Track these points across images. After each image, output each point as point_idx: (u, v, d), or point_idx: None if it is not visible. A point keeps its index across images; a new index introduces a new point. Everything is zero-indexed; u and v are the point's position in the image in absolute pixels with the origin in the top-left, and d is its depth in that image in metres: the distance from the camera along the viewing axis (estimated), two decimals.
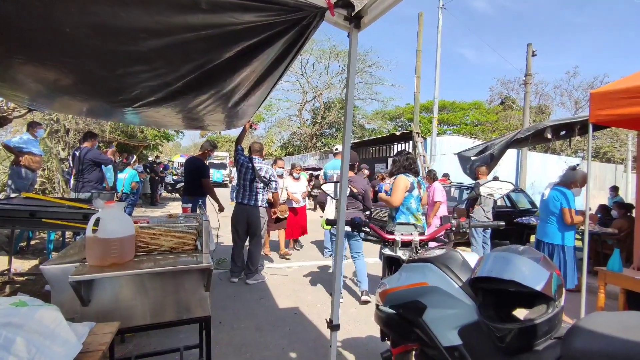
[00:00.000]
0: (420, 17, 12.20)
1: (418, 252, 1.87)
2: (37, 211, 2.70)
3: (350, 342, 3.00)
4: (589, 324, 0.95)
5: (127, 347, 2.67)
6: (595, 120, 3.34)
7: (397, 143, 14.73)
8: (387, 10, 1.52)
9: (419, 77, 12.34)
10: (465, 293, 1.40)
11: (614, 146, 22.65)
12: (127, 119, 3.67)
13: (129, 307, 1.67)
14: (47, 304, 1.24)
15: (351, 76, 1.70)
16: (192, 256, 1.87)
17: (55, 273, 1.61)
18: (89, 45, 1.59)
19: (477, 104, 32.02)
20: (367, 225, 2.06)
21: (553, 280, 1.14)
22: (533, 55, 13.37)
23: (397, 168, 3.36)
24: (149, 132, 14.06)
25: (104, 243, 1.61)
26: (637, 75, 3.24)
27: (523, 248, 1.25)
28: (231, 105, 2.69)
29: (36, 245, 5.61)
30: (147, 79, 2.02)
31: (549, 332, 1.13)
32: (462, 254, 1.57)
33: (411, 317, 1.57)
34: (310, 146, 30.13)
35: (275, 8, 1.40)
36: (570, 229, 3.94)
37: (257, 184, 4.37)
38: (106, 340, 1.35)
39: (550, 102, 27.86)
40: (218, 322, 3.17)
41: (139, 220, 2.39)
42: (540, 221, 4.26)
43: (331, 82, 30.12)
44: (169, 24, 1.44)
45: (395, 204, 3.24)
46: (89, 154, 4.91)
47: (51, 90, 2.36)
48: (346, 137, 1.77)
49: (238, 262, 4.46)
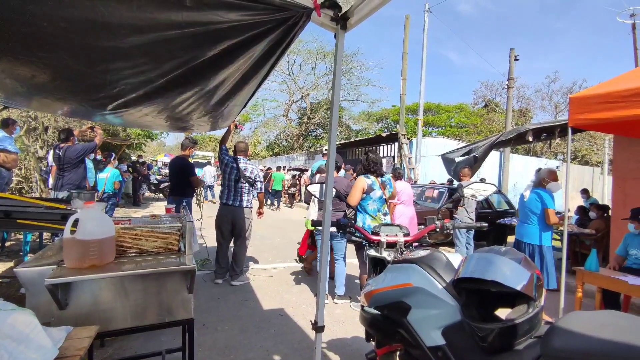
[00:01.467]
0: (407, 20, 12.32)
1: (403, 252, 1.88)
2: (12, 211, 2.61)
3: (336, 342, 3.00)
4: (567, 323, 0.97)
5: (107, 351, 2.60)
6: (574, 124, 3.44)
7: (384, 144, 14.85)
8: (373, 11, 1.53)
9: (405, 80, 12.46)
10: (449, 293, 1.41)
11: (591, 149, 23.41)
12: (109, 119, 3.58)
13: (109, 310, 1.62)
14: (20, 308, 1.20)
15: (337, 77, 1.70)
16: (175, 257, 1.83)
17: (30, 276, 1.55)
18: (67, 39, 1.54)
19: (461, 106, 32.63)
20: (352, 226, 2.06)
21: (534, 281, 1.16)
22: (515, 59, 13.68)
23: (360, 169, 3.49)
24: (132, 131, 13.77)
25: (82, 244, 1.56)
26: (614, 81, 3.35)
27: (505, 249, 1.27)
28: (215, 104, 2.66)
29: (11, 246, 5.42)
30: (128, 76, 1.97)
31: (529, 331, 1.15)
32: (445, 254, 1.58)
33: (396, 318, 1.57)
34: (297, 147, 30.10)
35: (260, 7, 1.38)
36: (549, 229, 4.05)
37: (242, 184, 4.33)
38: (84, 345, 1.31)
39: (532, 105, 28.61)
40: (202, 325, 3.13)
41: (120, 221, 2.33)
42: (519, 222, 4.36)
43: (318, 82, 30.21)
44: (151, 21, 1.41)
45: (350, 204, 3.35)
46: (70, 152, 4.78)
47: (28, 88, 2.28)
48: (332, 138, 1.76)
49: (222, 263, 4.40)
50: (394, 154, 13.74)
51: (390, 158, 13.86)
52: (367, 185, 3.40)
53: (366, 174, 3.52)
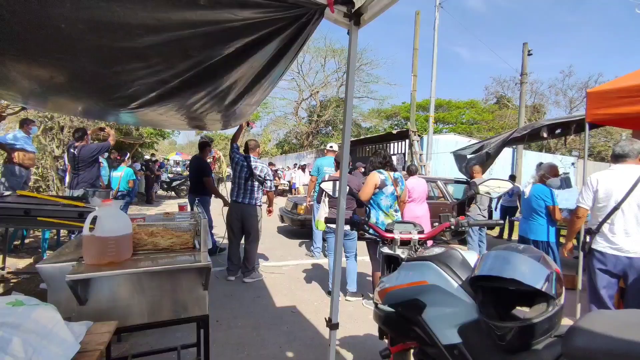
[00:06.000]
0: (417, 16, 12.20)
1: (417, 250, 1.86)
2: (32, 209, 2.67)
3: (348, 340, 3.00)
4: (589, 322, 0.96)
5: (123, 345, 2.65)
6: (591, 119, 3.37)
7: (394, 142, 14.75)
8: (387, 7, 1.51)
9: (416, 76, 12.36)
10: (464, 291, 1.40)
11: (607, 145, 22.85)
12: (123, 118, 3.63)
13: (127, 306, 1.65)
14: (44, 303, 1.22)
15: (351, 74, 1.69)
16: (190, 255, 1.86)
17: (51, 272, 1.60)
18: (85, 41, 1.56)
19: (472, 102, 32.18)
20: (366, 223, 2.05)
21: (553, 279, 1.14)
22: (529, 54, 13.43)
23: (373, 165, 3.47)
24: (145, 130, 13.95)
25: (101, 242, 1.60)
26: (633, 75, 3.26)
27: (523, 247, 1.25)
28: (229, 104, 2.67)
29: (30, 243, 5.56)
30: (143, 76, 1.99)
31: (549, 330, 1.13)
32: (461, 252, 1.57)
33: (410, 316, 1.57)
34: (307, 144, 30.10)
35: (274, 4, 1.38)
36: (554, 225, 4.05)
37: (252, 182, 4.35)
38: (104, 339, 1.33)
39: (545, 101, 28.03)
40: (215, 321, 3.16)
41: (135, 219, 2.37)
42: (523, 219, 4.32)
43: (327, 80, 30.12)
44: (166, 20, 1.42)
45: (362, 199, 3.33)
46: (85, 151, 4.87)
47: (45, 89, 2.32)
48: (345, 135, 1.76)
49: (234, 260, 4.45)
50: (405, 151, 13.64)
51: (401, 155, 13.76)
52: (380, 180, 3.38)
53: (379, 169, 3.50)
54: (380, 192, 3.38)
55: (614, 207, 2.62)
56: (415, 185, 5.06)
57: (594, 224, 2.77)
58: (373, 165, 3.54)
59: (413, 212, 4.89)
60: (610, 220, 2.65)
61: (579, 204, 2.85)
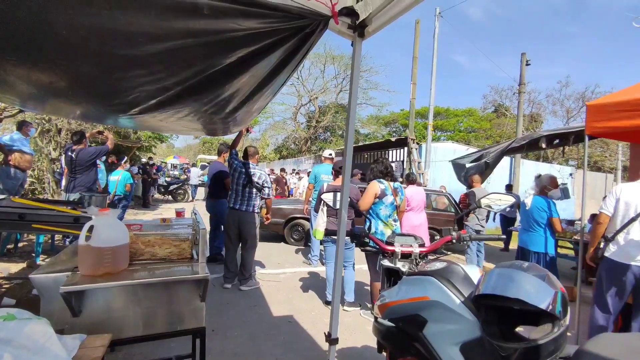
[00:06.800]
0: (417, 25, 12.28)
1: (418, 264, 1.84)
2: (27, 214, 2.63)
3: (346, 352, 2.96)
4: (595, 346, 0.94)
5: (116, 356, 2.60)
6: (591, 132, 3.38)
7: (392, 149, 14.76)
8: (392, 20, 1.51)
9: (415, 84, 12.41)
10: (467, 308, 1.37)
11: (604, 155, 23.00)
12: (122, 122, 3.60)
13: (122, 318, 1.62)
14: (36, 317, 1.19)
15: (354, 85, 1.68)
16: (187, 265, 1.83)
17: (45, 282, 1.56)
18: (86, 48, 1.54)
19: (470, 110, 32.36)
20: (367, 236, 2.03)
21: (558, 299, 1.12)
22: (527, 64, 13.54)
23: (374, 174, 3.44)
24: (143, 133, 13.91)
25: (97, 252, 1.56)
26: (632, 89, 3.28)
27: (527, 265, 1.23)
28: (230, 111, 2.65)
29: (24, 247, 5.48)
30: (144, 84, 1.97)
31: (554, 352, 1.11)
32: (463, 267, 1.54)
33: (411, 331, 1.54)
34: (305, 150, 30.12)
35: (277, 15, 1.37)
36: (553, 237, 4.08)
37: (250, 189, 4.32)
38: (98, 354, 1.30)
39: (543, 110, 28.24)
40: (211, 330, 3.11)
41: (131, 225, 2.34)
42: (522, 229, 4.32)
43: (327, 86, 30.26)
44: (169, 29, 1.40)
45: (362, 209, 3.29)
46: (83, 154, 4.83)
47: (44, 93, 2.29)
48: (348, 145, 1.74)
49: (231, 267, 4.40)
50: (403, 158, 13.65)
51: (399, 163, 13.77)
52: (380, 190, 3.36)
53: (379, 178, 3.48)
54: (380, 202, 3.36)
55: (632, 217, 2.68)
56: (414, 194, 5.04)
57: (610, 232, 2.83)
58: (374, 174, 3.52)
59: (411, 221, 4.86)
60: (626, 230, 2.72)
61: (602, 210, 2.91)
